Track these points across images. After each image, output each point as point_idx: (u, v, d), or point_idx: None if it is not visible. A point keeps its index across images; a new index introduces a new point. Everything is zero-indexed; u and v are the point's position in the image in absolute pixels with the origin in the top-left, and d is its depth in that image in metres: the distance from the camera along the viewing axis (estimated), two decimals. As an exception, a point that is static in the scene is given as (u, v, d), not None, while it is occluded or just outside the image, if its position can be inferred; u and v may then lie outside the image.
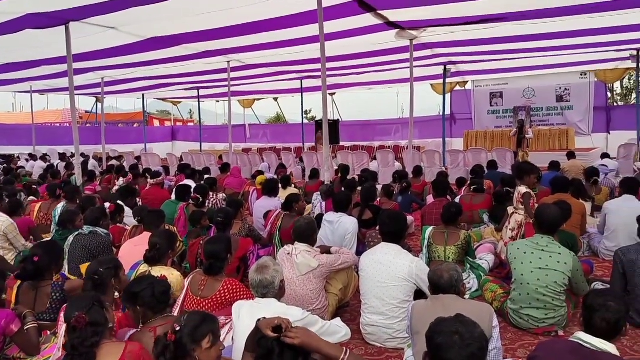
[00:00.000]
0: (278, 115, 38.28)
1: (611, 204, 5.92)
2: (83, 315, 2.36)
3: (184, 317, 2.34)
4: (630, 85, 29.98)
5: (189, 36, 9.81)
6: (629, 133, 15.08)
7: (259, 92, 21.61)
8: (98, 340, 2.37)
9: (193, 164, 15.47)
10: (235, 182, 9.71)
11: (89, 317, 2.38)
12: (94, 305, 2.46)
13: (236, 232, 5.10)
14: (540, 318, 3.80)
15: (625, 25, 9.88)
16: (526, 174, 5.38)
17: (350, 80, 18.00)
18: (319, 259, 3.94)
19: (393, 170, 12.05)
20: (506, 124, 19.08)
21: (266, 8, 7.83)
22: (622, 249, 4.11)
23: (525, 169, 5.48)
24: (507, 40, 11.14)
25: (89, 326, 2.36)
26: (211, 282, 3.55)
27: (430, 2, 8.10)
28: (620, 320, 2.29)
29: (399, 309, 3.64)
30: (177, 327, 2.27)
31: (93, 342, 2.35)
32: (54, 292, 3.48)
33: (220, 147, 22.64)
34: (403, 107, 43.33)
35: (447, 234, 4.84)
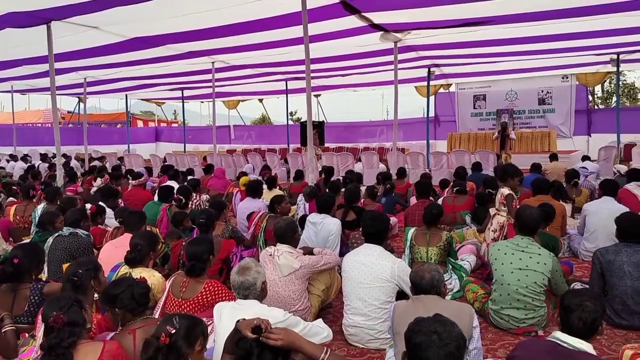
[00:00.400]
0: (263, 117, 38.21)
1: (590, 205, 6.01)
2: (61, 315, 2.34)
3: (176, 320, 2.31)
4: (611, 88, 30.52)
5: (173, 36, 9.76)
6: (609, 136, 15.36)
7: (243, 93, 21.56)
8: (75, 341, 2.36)
9: (177, 165, 15.37)
10: (219, 184, 9.67)
11: (67, 317, 2.35)
12: (72, 305, 2.44)
13: (219, 234, 5.08)
14: (521, 318, 3.85)
15: (606, 29, 10.07)
16: (510, 176, 5.44)
17: (335, 82, 18.05)
18: (301, 259, 3.94)
19: (377, 171, 12.10)
20: (489, 126, 19.28)
21: (251, 9, 7.82)
22: (600, 250, 4.18)
23: (509, 171, 5.54)
24: (490, 43, 11.27)
25: (66, 326, 2.34)
26: (193, 283, 3.53)
27: (415, 5, 8.15)
28: (596, 319, 2.32)
29: (381, 309, 3.65)
30: (172, 330, 2.24)
31: (70, 342, 2.33)
32: (32, 295, 3.42)
33: (204, 148, 22.52)
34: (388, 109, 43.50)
35: (429, 235, 4.87)
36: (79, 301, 2.52)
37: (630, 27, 9.94)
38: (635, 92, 32.82)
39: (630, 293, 3.88)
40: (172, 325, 2.26)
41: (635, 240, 4.03)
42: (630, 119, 17.14)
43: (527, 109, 19.03)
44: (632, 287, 3.88)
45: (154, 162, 16.56)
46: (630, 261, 3.92)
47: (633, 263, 3.91)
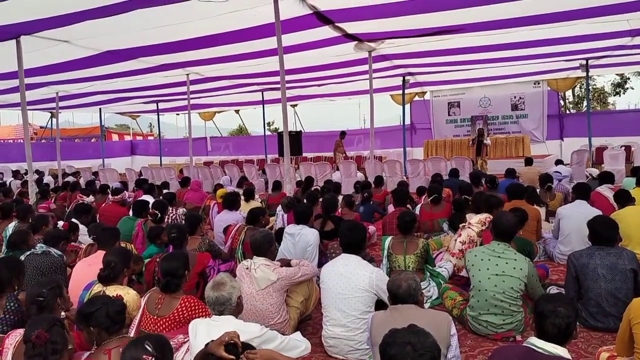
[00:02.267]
0: (240, 127, 38.10)
1: (564, 209, 6.10)
2: (44, 332, 2.29)
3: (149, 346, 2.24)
4: (581, 93, 31.21)
5: (145, 49, 9.67)
6: (581, 139, 15.66)
7: (219, 105, 21.46)
8: (58, 359, 2.31)
9: (153, 178, 15.20)
10: (196, 196, 9.57)
11: (50, 335, 2.31)
12: (55, 324, 2.40)
13: (195, 248, 5.01)
14: (499, 324, 3.87)
15: (574, 35, 10.31)
16: (495, 207, 5.53)
17: (311, 92, 18.09)
18: (278, 272, 3.91)
19: (356, 180, 12.12)
20: (464, 132, 19.54)
21: (224, 21, 7.80)
22: (574, 253, 4.23)
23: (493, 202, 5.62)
24: (463, 51, 11.43)
25: (49, 343, 2.30)
26: (168, 300, 3.46)
27: (387, 14, 8.23)
28: (570, 324, 2.34)
29: (360, 320, 3.63)
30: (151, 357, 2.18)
31: None
32: (8, 302, 3.34)
33: (181, 161, 22.31)
34: (365, 117, 43.84)
35: (406, 243, 4.88)
36: (62, 322, 2.48)
37: (598, 33, 10.19)
38: (605, 96, 33.67)
39: (605, 295, 3.94)
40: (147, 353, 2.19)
41: (607, 243, 4.10)
42: (601, 123, 17.58)
43: (500, 115, 19.33)
44: (606, 290, 3.93)
45: (130, 176, 16.33)
46: (603, 264, 3.98)
47: (606, 266, 3.97)
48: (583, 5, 8.10)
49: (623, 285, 3.91)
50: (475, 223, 5.27)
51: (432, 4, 7.68)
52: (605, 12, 8.47)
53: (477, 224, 5.25)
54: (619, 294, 3.89)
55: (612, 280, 3.93)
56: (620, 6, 8.11)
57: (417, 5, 7.71)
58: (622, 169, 12.41)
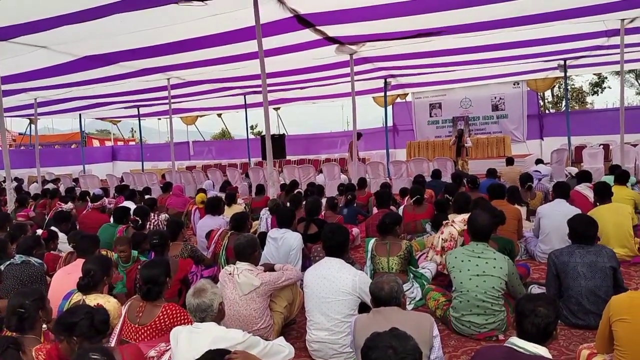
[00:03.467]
0: (223, 131, 37.91)
1: (544, 208, 6.16)
2: None
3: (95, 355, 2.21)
4: (560, 93, 31.66)
5: (125, 54, 9.58)
6: (561, 139, 15.90)
7: (201, 109, 21.34)
8: None
9: (134, 184, 15.04)
10: (178, 202, 9.49)
11: None
12: (8, 348, 2.32)
13: (177, 254, 4.96)
14: (481, 324, 3.90)
15: (552, 37, 10.47)
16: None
17: (293, 95, 18.08)
18: (261, 277, 3.89)
19: (339, 182, 12.13)
20: (445, 133, 19.70)
21: (204, 25, 7.77)
22: (554, 252, 4.28)
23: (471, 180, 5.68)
24: (443, 53, 11.53)
25: None
26: (149, 308, 3.42)
27: (368, 17, 8.27)
28: (549, 324, 2.36)
29: (344, 323, 3.63)
30: None
31: None
32: None
33: (163, 166, 22.10)
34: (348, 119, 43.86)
35: (389, 245, 4.89)
36: (17, 343, 2.40)
37: (575, 34, 10.37)
38: (583, 96, 34.18)
39: (585, 293, 3.98)
40: None
41: (587, 241, 4.15)
42: (580, 122, 17.87)
43: (481, 116, 19.53)
44: (586, 288, 3.98)
45: (111, 182, 16.16)
46: (583, 262, 4.03)
47: (586, 264, 4.02)
48: (560, 7, 8.22)
49: (603, 283, 3.96)
50: (459, 222, 5.31)
51: (412, 7, 7.73)
52: (582, 13, 8.61)
53: (460, 222, 5.29)
54: (599, 291, 3.94)
55: (592, 278, 3.98)
56: (596, 7, 8.26)
57: (398, 9, 7.76)
58: (601, 167, 12.60)
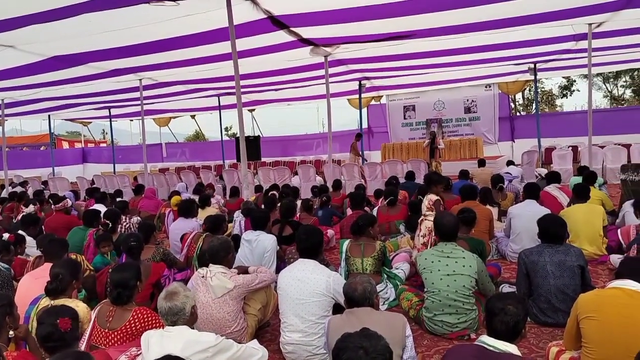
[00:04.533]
0: (197, 133, 37.56)
1: (515, 208, 6.28)
2: None
3: None
4: (530, 96, 32.33)
5: (95, 54, 9.40)
6: (531, 140, 16.21)
7: (174, 110, 21.10)
8: None
9: (105, 186, 14.78)
10: (151, 204, 9.34)
11: None
12: None
13: (149, 257, 4.88)
14: (454, 323, 3.94)
15: (523, 40, 10.67)
16: (434, 183, 5.66)
17: (268, 97, 18.02)
18: (235, 279, 3.86)
19: (315, 184, 12.14)
20: (419, 135, 19.91)
21: (176, 25, 7.67)
22: (524, 251, 4.36)
23: (433, 179, 5.77)
24: (417, 56, 11.64)
25: None
26: (120, 312, 3.35)
27: (342, 20, 8.29)
28: (518, 322, 2.40)
29: (317, 324, 3.62)
30: None
31: None
32: None
33: (135, 168, 21.79)
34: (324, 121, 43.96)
35: (364, 246, 4.91)
36: None
37: (544, 38, 10.58)
38: (552, 98, 34.96)
39: (554, 292, 4.06)
40: None
41: (556, 240, 4.24)
42: (549, 124, 18.29)
43: (454, 118, 19.79)
44: (555, 286, 4.06)
45: (81, 185, 15.83)
46: (552, 261, 4.11)
47: (555, 263, 4.10)
48: (530, 12, 8.38)
49: (571, 282, 4.04)
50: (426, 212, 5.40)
51: (386, 9, 7.77)
52: (551, 18, 8.80)
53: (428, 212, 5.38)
54: (567, 289, 4.02)
55: (561, 277, 4.06)
56: (564, 12, 8.45)
57: (371, 11, 7.80)
58: (570, 168, 12.90)
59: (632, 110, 22.55)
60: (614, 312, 2.80)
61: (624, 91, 34.65)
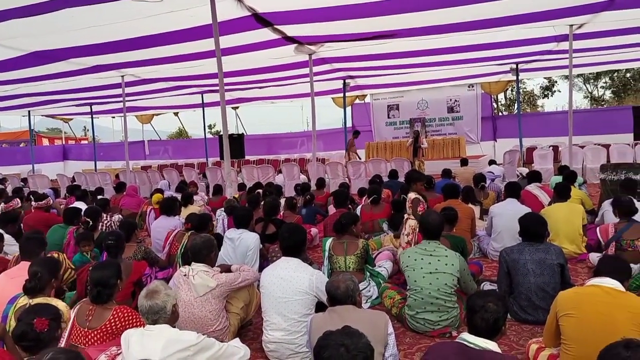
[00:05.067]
0: (180, 130, 37.26)
1: (496, 207, 6.34)
2: None
3: None
4: (513, 96, 32.64)
5: (77, 50, 9.26)
6: (513, 140, 16.40)
7: (157, 107, 20.88)
8: None
9: (86, 184, 14.61)
10: (132, 202, 9.24)
11: None
12: None
13: (130, 255, 4.83)
14: (435, 321, 3.97)
15: (505, 41, 10.77)
16: (413, 181, 5.70)
17: (252, 95, 17.95)
18: (217, 278, 3.83)
19: (297, 183, 12.12)
20: (403, 134, 19.99)
21: (159, 22, 7.60)
22: (505, 249, 4.41)
23: (412, 177, 5.80)
24: (401, 55, 11.68)
25: None
26: (100, 311, 3.32)
27: (326, 18, 8.29)
28: (498, 320, 2.42)
29: (300, 323, 3.62)
30: None
31: None
32: None
33: (117, 166, 21.54)
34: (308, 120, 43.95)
35: (347, 244, 4.92)
36: None
37: (527, 39, 10.70)
38: (534, 99, 35.37)
39: (534, 289, 4.11)
40: None
41: (536, 239, 4.29)
42: (531, 124, 18.49)
43: (437, 117, 19.91)
44: (535, 284, 4.11)
45: (62, 182, 15.62)
46: (532, 259, 4.16)
47: (535, 261, 4.15)
48: (513, 12, 8.46)
49: (551, 280, 4.10)
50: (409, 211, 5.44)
51: (370, 9, 7.79)
52: (533, 19, 8.90)
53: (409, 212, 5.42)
54: (547, 287, 4.07)
55: (541, 275, 4.11)
56: (546, 13, 8.55)
57: (355, 10, 7.80)
58: (551, 167, 13.07)
59: (611, 111, 22.91)
60: (592, 310, 2.84)
61: (604, 92, 35.21)
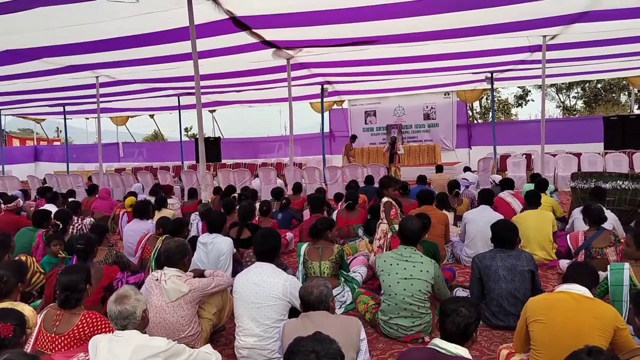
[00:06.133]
0: (155, 133, 36.81)
1: (470, 213, 6.42)
2: None
3: None
4: (487, 104, 33.16)
5: (50, 49, 9.07)
6: (487, 148, 16.65)
7: (132, 109, 20.59)
8: None
9: (58, 186, 14.31)
10: (105, 205, 9.08)
11: None
12: None
13: (101, 260, 4.74)
14: (408, 326, 3.99)
15: (481, 50, 10.93)
16: (385, 187, 5.74)
17: (230, 98, 17.83)
18: (190, 283, 3.78)
19: (274, 187, 12.07)
20: (380, 140, 20.13)
21: (135, 23, 7.50)
22: (478, 256, 4.46)
23: (384, 182, 5.84)
24: (379, 62, 11.76)
25: None
26: (67, 316, 3.24)
27: (304, 23, 8.29)
28: (469, 325, 2.45)
29: (273, 328, 3.60)
30: None
31: None
32: None
33: (90, 168, 21.15)
34: (286, 124, 43.95)
35: (322, 249, 4.92)
36: None
37: (502, 49, 10.88)
38: (508, 107, 35.99)
39: (506, 295, 4.17)
40: None
41: (508, 245, 4.35)
42: (505, 132, 18.81)
43: (413, 124, 20.11)
44: (506, 290, 4.17)
45: (32, 184, 15.27)
46: (504, 265, 4.22)
47: (507, 267, 4.21)
48: (488, 22, 8.60)
49: (522, 286, 4.16)
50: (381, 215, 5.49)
51: (348, 15, 7.82)
52: (507, 29, 9.06)
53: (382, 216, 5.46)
54: (517, 293, 4.14)
55: (512, 281, 4.17)
56: (520, 24, 8.71)
57: (334, 16, 7.83)
58: (523, 175, 13.30)
59: (582, 120, 23.46)
60: (561, 316, 2.89)
61: (576, 102, 36.01)
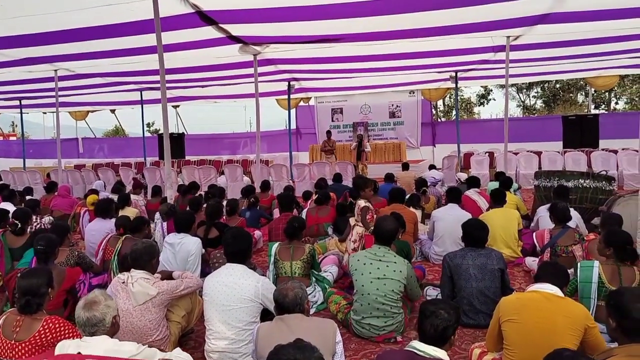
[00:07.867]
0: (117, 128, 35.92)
1: (438, 212, 6.48)
2: None
3: None
4: (451, 103, 33.71)
5: (5, 41, 8.68)
6: (451, 146, 16.91)
7: (93, 104, 19.96)
8: None
9: (14, 183, 13.77)
10: (65, 203, 8.76)
11: None
12: None
13: (63, 261, 4.55)
14: (381, 326, 3.98)
15: (445, 50, 11.06)
16: (361, 188, 5.71)
17: (194, 93, 17.52)
18: (158, 285, 3.67)
19: (242, 184, 11.94)
20: (346, 138, 20.16)
21: (97, 14, 7.24)
22: (449, 254, 4.49)
23: (358, 184, 5.81)
24: (345, 59, 11.75)
25: None
26: (28, 322, 3.08)
27: (272, 19, 8.19)
28: (447, 328, 2.44)
29: (245, 331, 3.53)
30: None
31: None
32: None
33: (48, 164, 20.43)
34: (251, 120, 43.68)
35: (293, 249, 4.86)
36: None
37: (465, 48, 11.03)
38: (471, 106, 36.72)
39: (476, 294, 4.21)
40: None
41: (478, 244, 4.40)
42: (468, 131, 19.14)
43: (379, 122, 20.24)
44: (477, 289, 4.21)
45: (-14, 181, 14.61)
46: (475, 264, 4.26)
47: (477, 266, 4.25)
48: (453, 22, 8.70)
49: (492, 284, 4.21)
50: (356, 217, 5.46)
51: (315, 12, 7.77)
52: (472, 29, 9.19)
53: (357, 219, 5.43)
54: (488, 292, 4.19)
55: (483, 280, 4.22)
56: (485, 24, 8.84)
57: (301, 12, 7.76)
58: (487, 173, 13.56)
59: (542, 119, 24.13)
60: (533, 315, 2.93)
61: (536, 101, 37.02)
